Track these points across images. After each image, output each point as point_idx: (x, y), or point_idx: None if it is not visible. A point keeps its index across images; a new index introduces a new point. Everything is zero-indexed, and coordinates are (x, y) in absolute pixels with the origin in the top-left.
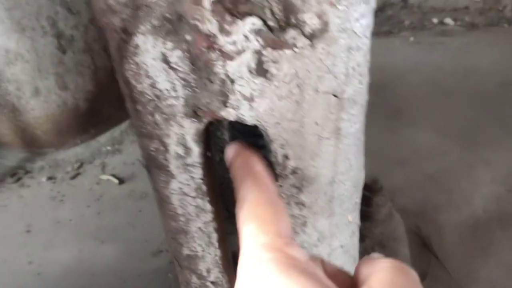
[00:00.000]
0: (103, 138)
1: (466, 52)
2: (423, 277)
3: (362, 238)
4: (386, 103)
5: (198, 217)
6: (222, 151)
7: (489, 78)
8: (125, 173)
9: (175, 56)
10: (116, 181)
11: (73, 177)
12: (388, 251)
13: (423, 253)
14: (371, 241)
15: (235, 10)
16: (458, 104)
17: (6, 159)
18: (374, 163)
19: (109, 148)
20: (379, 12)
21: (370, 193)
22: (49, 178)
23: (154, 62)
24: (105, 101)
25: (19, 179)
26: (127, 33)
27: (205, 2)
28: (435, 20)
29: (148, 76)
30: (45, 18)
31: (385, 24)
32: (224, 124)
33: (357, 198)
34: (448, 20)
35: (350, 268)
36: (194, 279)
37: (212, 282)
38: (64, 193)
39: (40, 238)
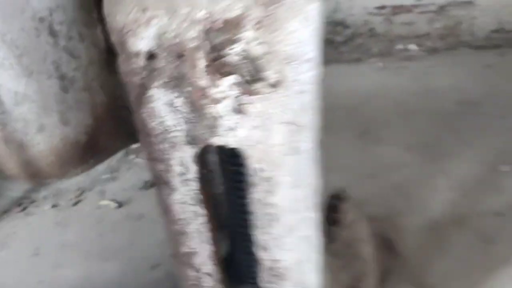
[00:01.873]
0: (101, 167)
1: (428, 74)
2: (388, 273)
3: (332, 240)
4: (356, 124)
5: (194, 220)
6: (209, 170)
7: (448, 97)
8: (123, 198)
9: (179, 102)
10: (114, 205)
11: (75, 204)
12: (354, 251)
13: (389, 253)
14: (339, 242)
15: (220, 70)
16: (420, 121)
17: (12, 190)
18: (345, 176)
19: (107, 176)
20: (349, 41)
21: (337, 201)
22: (53, 206)
23: (164, 107)
24: (102, 134)
25: (25, 208)
26: (144, 87)
27: (200, 66)
28: (400, 47)
29: (159, 116)
30: (50, 63)
31: (355, 52)
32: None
33: (315, 199)
34: (412, 46)
35: (313, 256)
36: (191, 272)
37: (207, 274)
38: (68, 218)
39: (48, 259)
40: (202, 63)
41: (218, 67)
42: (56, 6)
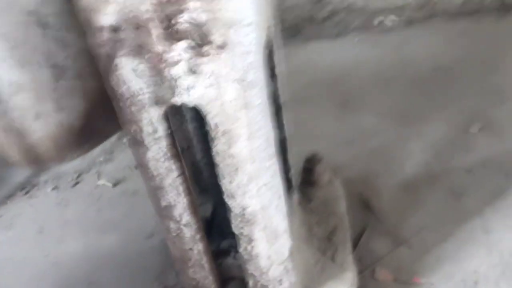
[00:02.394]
0: (96, 150)
1: (405, 45)
2: (363, 229)
3: (309, 199)
4: (335, 96)
5: (168, 175)
6: (188, 140)
7: (424, 65)
8: (117, 177)
9: (140, 69)
10: (110, 184)
11: (74, 185)
12: (330, 209)
13: (364, 212)
14: (316, 202)
15: (173, 37)
16: (396, 90)
17: (14, 176)
18: (324, 144)
19: (102, 159)
20: (328, 18)
21: (311, 164)
22: (54, 188)
23: (128, 74)
24: (95, 119)
25: (27, 192)
26: (110, 58)
27: (155, 35)
28: (378, 20)
29: (125, 83)
30: (41, 53)
31: (335, 28)
32: (187, 118)
33: (271, 150)
34: (389, 19)
35: (275, 201)
36: (172, 224)
37: (184, 225)
38: (68, 199)
39: (52, 236)
40: (156, 31)
41: (171, 34)
42: None
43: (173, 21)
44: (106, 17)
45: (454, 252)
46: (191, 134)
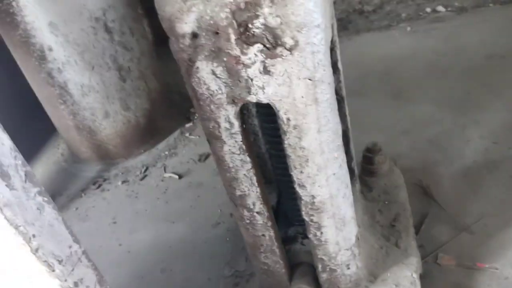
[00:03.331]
0: (161, 145)
1: (457, 33)
2: (424, 216)
3: (370, 189)
4: (390, 86)
5: (242, 167)
6: (255, 133)
7: (478, 53)
8: (182, 170)
9: (219, 70)
10: (176, 177)
11: (142, 179)
12: (391, 196)
13: (425, 199)
14: (377, 190)
15: (248, 41)
16: (451, 79)
17: (87, 171)
18: (382, 134)
19: (166, 152)
20: (378, 9)
21: (371, 154)
22: (123, 182)
23: (208, 75)
24: (158, 116)
25: (100, 185)
26: (191, 61)
27: (232, 40)
28: (428, 9)
29: (205, 83)
30: (108, 56)
31: (384, 19)
32: (253, 112)
33: (338, 141)
34: (440, 8)
35: (342, 190)
36: (245, 212)
37: (257, 212)
38: (137, 191)
39: (125, 226)
40: (233, 37)
41: (246, 38)
42: (108, 6)
43: (249, 26)
44: (188, 25)
45: None
46: (257, 128)
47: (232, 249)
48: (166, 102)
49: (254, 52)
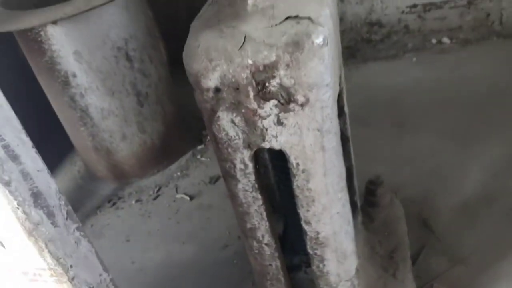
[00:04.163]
0: (174, 166)
1: (461, 65)
2: (422, 247)
3: (371, 219)
4: (394, 115)
5: (254, 203)
6: (265, 166)
7: (480, 85)
8: (194, 191)
9: (237, 120)
10: (187, 198)
11: (155, 198)
12: (391, 228)
13: (423, 231)
14: (378, 221)
15: (264, 97)
16: (453, 110)
17: (103, 189)
18: (385, 164)
19: (179, 173)
20: (386, 39)
21: (374, 186)
22: (137, 201)
23: (227, 123)
24: (172, 138)
25: (114, 203)
26: (213, 111)
27: (250, 95)
28: (434, 41)
29: (224, 130)
30: (128, 83)
31: (391, 48)
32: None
33: (342, 183)
34: (445, 39)
35: (345, 227)
36: (255, 243)
37: (266, 244)
38: (150, 210)
39: (138, 244)
40: (251, 93)
41: (263, 95)
42: (130, 36)
43: (266, 85)
44: (212, 81)
45: (511, 272)
46: (267, 162)
47: (237, 273)
48: (180, 125)
49: (269, 106)
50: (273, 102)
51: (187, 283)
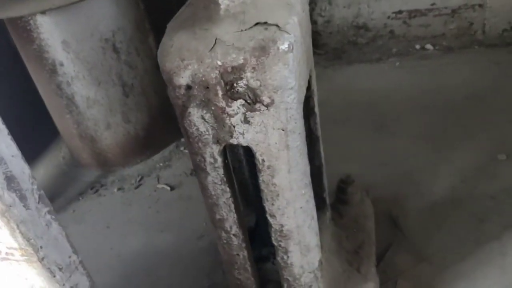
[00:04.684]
0: (157, 157)
1: (442, 72)
2: (390, 244)
3: (341, 216)
4: (372, 118)
5: (222, 195)
6: (239, 161)
7: (458, 92)
8: (175, 182)
9: (207, 116)
10: (168, 188)
11: (137, 187)
12: (359, 225)
13: (392, 229)
14: (347, 218)
15: (232, 96)
16: (430, 115)
17: (86, 176)
18: (360, 164)
19: (161, 164)
20: (371, 42)
21: (345, 184)
22: (119, 189)
23: (198, 119)
24: (157, 130)
25: (97, 190)
26: (185, 107)
27: (219, 94)
28: (417, 46)
29: (195, 125)
30: (114, 74)
31: (376, 52)
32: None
33: (306, 180)
34: (429, 46)
35: (308, 221)
36: (223, 233)
37: (234, 234)
38: (131, 199)
39: (117, 231)
40: (220, 92)
41: (231, 94)
42: (118, 28)
43: (234, 85)
44: (183, 79)
45: (471, 271)
46: (241, 157)
47: (211, 262)
48: (164, 116)
49: (237, 105)
50: (240, 101)
51: (163, 270)
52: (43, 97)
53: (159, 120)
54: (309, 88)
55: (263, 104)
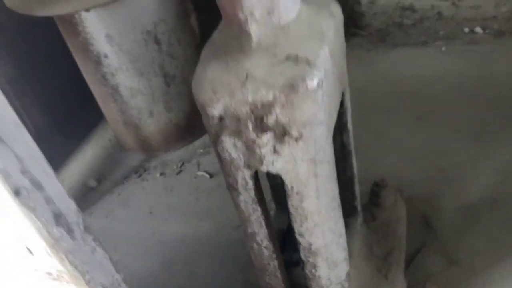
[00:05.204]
0: (197, 143)
1: (490, 59)
2: (421, 246)
3: (374, 218)
4: (415, 108)
5: (253, 213)
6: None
7: (505, 83)
8: (214, 169)
9: (239, 144)
10: (207, 176)
11: (178, 173)
12: (390, 229)
13: (425, 230)
14: (379, 221)
15: (262, 129)
16: (475, 107)
17: (130, 160)
18: (399, 158)
19: (201, 150)
20: (418, 23)
21: (378, 188)
22: (161, 174)
23: (230, 146)
24: (197, 117)
25: (140, 175)
26: (217, 135)
27: (250, 127)
28: (466, 30)
29: (227, 151)
30: (156, 65)
31: (422, 35)
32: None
33: (335, 203)
34: (478, 29)
35: (336, 239)
36: (255, 245)
37: (264, 247)
38: (172, 185)
39: (159, 217)
40: (250, 125)
41: (261, 127)
42: (159, 20)
43: (264, 119)
44: (216, 110)
45: (503, 278)
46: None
47: (246, 255)
48: None
49: (267, 137)
50: (270, 134)
51: (201, 260)
52: (89, 85)
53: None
54: (342, 105)
55: (291, 138)
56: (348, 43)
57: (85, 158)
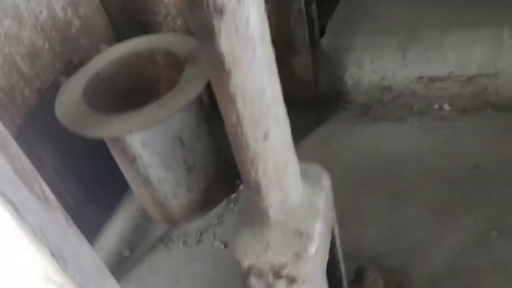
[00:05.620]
0: (212, 213)
1: (454, 137)
2: None
3: None
4: (391, 185)
5: None
6: None
7: (466, 161)
8: (227, 239)
9: (261, 284)
10: (222, 245)
11: (198, 243)
12: None
13: None
14: None
15: (278, 278)
16: (441, 185)
17: (156, 229)
18: (374, 233)
19: (216, 220)
20: (395, 99)
21: (362, 271)
22: (183, 243)
23: (255, 283)
24: (212, 191)
25: (166, 244)
26: (247, 276)
27: (270, 276)
28: (436, 106)
29: (254, 286)
30: (181, 160)
31: (399, 110)
32: None
33: None
34: (446, 106)
35: None
36: None
37: None
38: (194, 254)
39: (185, 286)
40: (271, 276)
41: (277, 277)
42: (184, 126)
43: (280, 273)
44: (246, 263)
45: None
46: None
47: None
48: (218, 180)
49: (281, 282)
50: (283, 280)
51: None
52: (125, 175)
53: (214, 183)
54: (331, 235)
55: (298, 283)
56: (336, 116)
57: (118, 228)
